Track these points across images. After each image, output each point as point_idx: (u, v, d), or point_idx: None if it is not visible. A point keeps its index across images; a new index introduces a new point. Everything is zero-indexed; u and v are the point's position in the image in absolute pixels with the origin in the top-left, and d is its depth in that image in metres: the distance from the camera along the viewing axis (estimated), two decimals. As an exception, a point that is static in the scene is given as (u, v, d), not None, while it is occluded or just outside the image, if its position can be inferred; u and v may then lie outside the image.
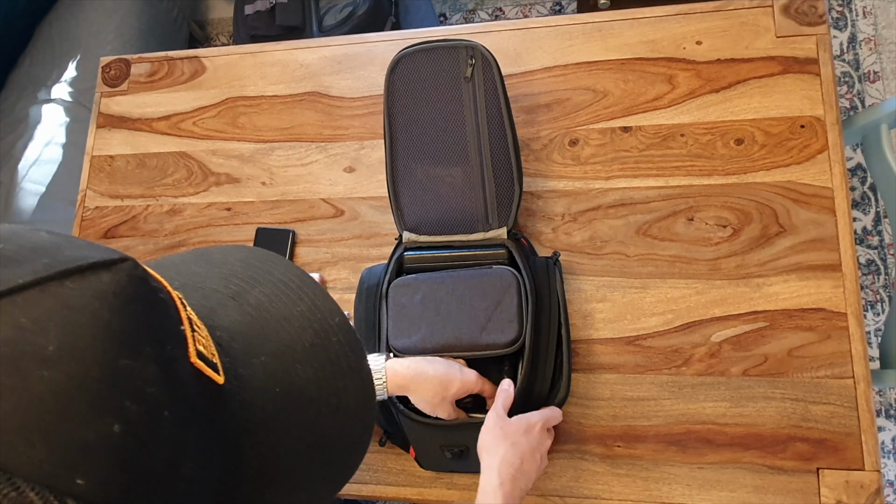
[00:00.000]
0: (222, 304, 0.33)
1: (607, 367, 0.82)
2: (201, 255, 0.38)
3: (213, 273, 0.36)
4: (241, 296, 0.34)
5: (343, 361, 0.35)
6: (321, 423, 0.33)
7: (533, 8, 1.94)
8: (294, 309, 0.35)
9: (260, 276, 0.36)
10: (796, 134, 0.84)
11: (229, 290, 0.34)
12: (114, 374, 0.23)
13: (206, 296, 0.34)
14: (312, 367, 0.33)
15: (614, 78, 0.92)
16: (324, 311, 0.36)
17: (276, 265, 0.37)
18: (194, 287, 0.34)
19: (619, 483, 0.78)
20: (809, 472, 0.74)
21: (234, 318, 0.33)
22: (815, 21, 0.87)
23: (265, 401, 0.31)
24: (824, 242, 0.80)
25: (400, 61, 0.85)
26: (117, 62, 1.13)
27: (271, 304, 0.34)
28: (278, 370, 0.32)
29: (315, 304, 0.36)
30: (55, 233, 0.28)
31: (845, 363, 0.76)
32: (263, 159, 1.02)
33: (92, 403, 0.22)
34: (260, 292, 0.34)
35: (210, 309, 0.33)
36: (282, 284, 0.36)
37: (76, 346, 0.22)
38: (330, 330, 0.35)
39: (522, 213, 0.90)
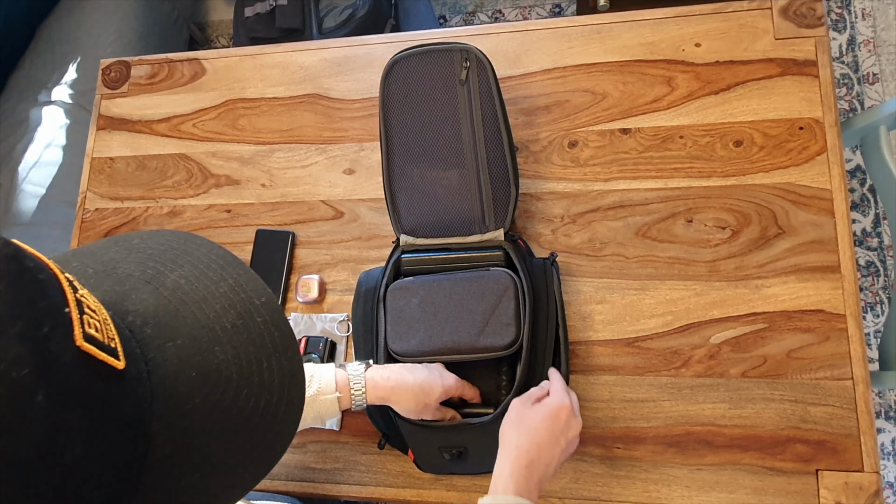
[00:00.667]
0: (136, 288, 0.33)
1: (606, 369, 0.82)
2: (120, 241, 0.37)
3: (131, 258, 0.35)
4: (157, 279, 0.33)
5: (267, 340, 0.34)
6: (240, 405, 0.32)
7: (532, 10, 1.94)
8: (216, 290, 0.34)
9: (180, 258, 0.35)
10: (795, 136, 0.84)
11: (146, 274, 0.34)
12: None
13: (120, 280, 0.33)
14: (232, 348, 0.32)
15: (613, 80, 0.92)
16: (248, 291, 0.35)
17: (198, 247, 0.37)
18: (107, 273, 0.34)
19: (619, 484, 0.78)
20: (809, 473, 0.74)
21: (148, 302, 0.32)
22: (813, 23, 0.87)
23: (178, 384, 0.30)
24: (823, 244, 0.80)
25: (395, 65, 0.85)
26: (117, 64, 1.14)
27: (190, 286, 0.33)
28: (194, 353, 0.31)
29: (239, 283, 0.35)
30: None
31: (844, 365, 0.76)
32: (263, 161, 1.02)
33: None
34: (178, 275, 0.34)
35: (122, 294, 0.32)
36: (203, 266, 0.35)
37: None
38: (254, 310, 0.34)
39: (521, 215, 0.90)
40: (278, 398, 0.33)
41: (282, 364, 0.34)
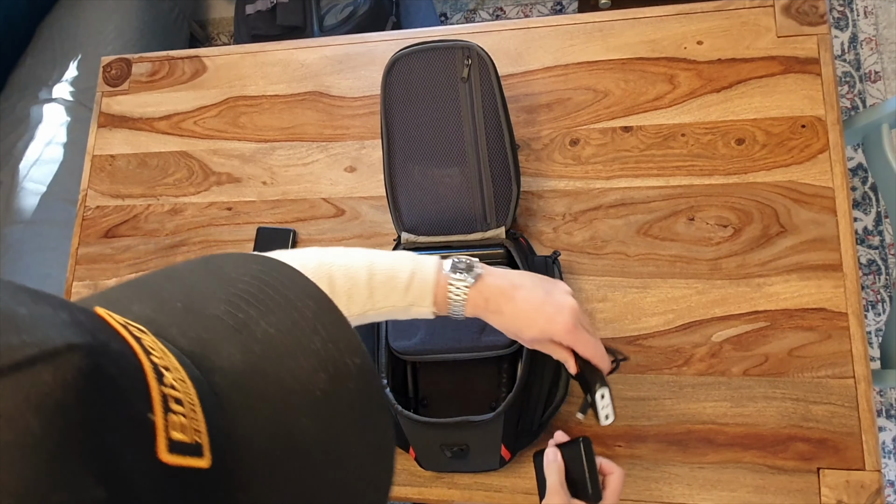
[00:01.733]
0: (225, 338, 0.29)
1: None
2: (211, 266, 0.34)
3: (220, 292, 0.31)
4: (247, 327, 0.29)
5: (357, 411, 0.30)
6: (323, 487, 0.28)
7: (534, 7, 1.94)
8: (308, 344, 0.30)
9: (273, 299, 0.31)
10: (797, 134, 0.84)
11: (236, 319, 0.30)
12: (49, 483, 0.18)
13: (208, 326, 0.30)
14: (321, 422, 0.28)
15: (615, 78, 0.92)
16: (341, 347, 0.30)
17: (292, 285, 0.32)
18: (196, 312, 0.30)
19: (620, 483, 0.78)
20: (810, 471, 0.74)
21: (236, 359, 0.28)
22: (815, 21, 0.87)
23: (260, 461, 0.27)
24: (825, 242, 0.80)
25: (396, 63, 0.85)
26: (118, 62, 1.13)
27: (281, 337, 0.29)
28: (280, 426, 0.27)
29: (332, 337, 0.30)
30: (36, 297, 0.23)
31: (846, 363, 0.76)
32: (264, 159, 1.02)
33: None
34: (269, 323, 0.30)
35: (209, 344, 0.29)
36: (296, 312, 0.31)
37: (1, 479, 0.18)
38: (346, 374, 0.30)
39: (523, 213, 0.90)
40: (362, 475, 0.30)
41: (369, 437, 0.30)
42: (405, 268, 0.58)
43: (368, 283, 0.57)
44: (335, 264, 0.57)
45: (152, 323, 0.28)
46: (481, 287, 0.59)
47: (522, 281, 0.61)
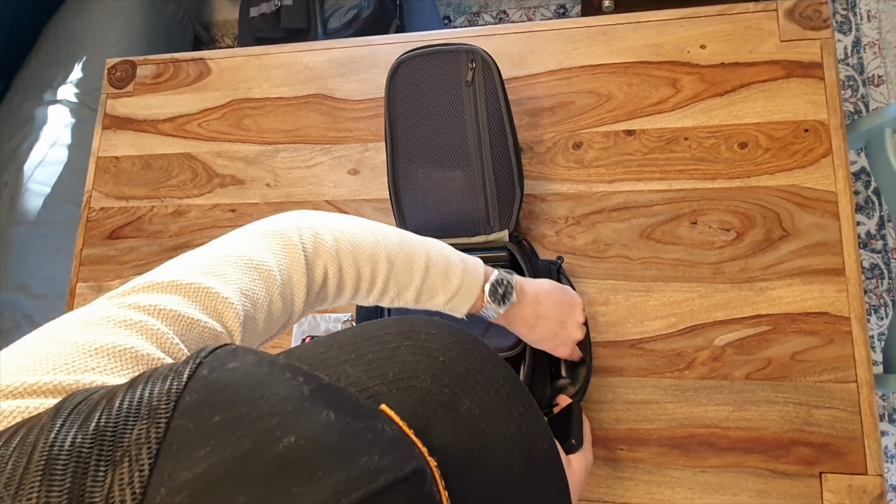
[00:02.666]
0: (436, 415, 0.30)
1: (610, 371, 0.82)
2: (407, 333, 0.34)
3: (424, 365, 0.31)
4: (453, 405, 0.30)
5: (549, 499, 0.30)
6: None
7: (537, 11, 1.94)
8: (506, 428, 0.30)
9: (471, 375, 0.31)
10: (800, 138, 0.84)
11: (443, 395, 0.30)
12: None
13: (421, 400, 0.30)
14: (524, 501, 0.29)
15: (618, 81, 0.92)
16: (534, 432, 0.31)
17: (484, 360, 0.33)
18: (406, 384, 0.30)
19: (622, 486, 0.78)
20: (812, 476, 0.74)
21: (449, 438, 0.29)
22: (819, 25, 0.87)
23: None
24: (828, 246, 0.80)
25: (400, 66, 0.85)
26: (123, 64, 1.14)
27: (483, 418, 0.30)
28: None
29: (525, 421, 0.31)
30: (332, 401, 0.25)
31: (848, 367, 0.76)
32: (268, 161, 1.02)
33: None
34: (472, 402, 0.30)
35: (425, 421, 0.29)
36: (493, 391, 0.31)
37: None
38: (538, 460, 0.30)
39: (526, 216, 0.90)
40: None
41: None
42: (455, 278, 0.60)
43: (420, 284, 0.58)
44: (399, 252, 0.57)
45: (375, 396, 0.28)
46: (510, 315, 0.65)
47: (546, 310, 0.68)
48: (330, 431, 0.23)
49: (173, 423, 0.21)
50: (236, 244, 0.49)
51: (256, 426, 0.22)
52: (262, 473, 0.20)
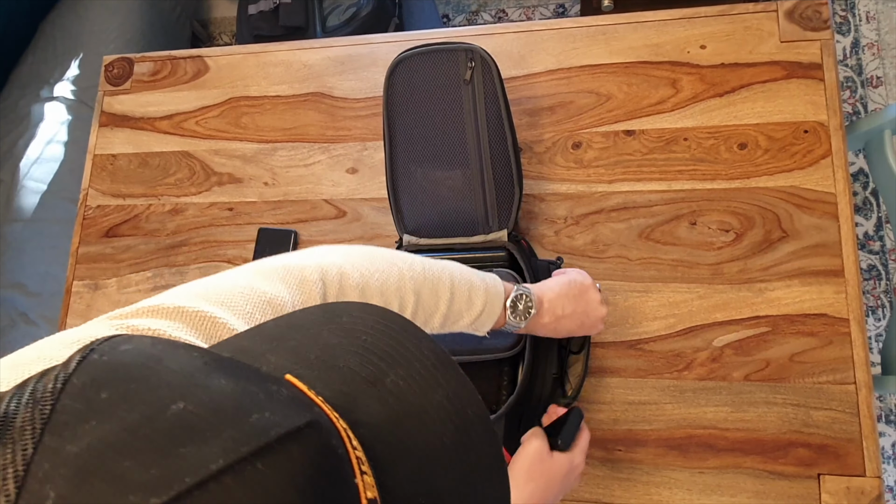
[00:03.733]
0: (362, 391, 0.30)
1: (609, 371, 0.82)
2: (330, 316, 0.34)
3: (347, 345, 0.32)
4: (378, 380, 0.30)
5: (483, 461, 0.31)
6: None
7: (536, 10, 1.94)
8: (433, 397, 0.31)
9: (395, 352, 0.32)
10: (800, 139, 0.84)
11: (367, 370, 0.31)
12: None
13: (345, 379, 0.30)
14: (454, 471, 0.29)
15: (618, 81, 0.92)
16: (462, 399, 0.31)
17: (409, 337, 0.33)
18: (329, 364, 0.31)
19: (620, 487, 0.78)
20: (810, 477, 0.74)
21: (375, 411, 0.29)
22: (819, 26, 0.87)
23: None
24: (827, 248, 0.80)
25: (399, 64, 0.84)
26: (120, 61, 1.13)
27: (410, 390, 0.30)
28: (421, 477, 0.28)
29: (454, 390, 0.32)
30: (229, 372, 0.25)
31: (847, 369, 0.76)
32: (266, 159, 1.02)
33: None
34: (397, 375, 0.30)
35: (350, 399, 0.29)
36: (418, 364, 0.32)
37: None
38: (469, 424, 0.31)
39: (525, 216, 0.90)
40: None
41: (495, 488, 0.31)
42: (479, 300, 0.62)
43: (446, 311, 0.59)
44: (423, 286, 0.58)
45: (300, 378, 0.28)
46: (531, 325, 0.67)
47: (564, 309, 0.68)
48: (221, 396, 0.22)
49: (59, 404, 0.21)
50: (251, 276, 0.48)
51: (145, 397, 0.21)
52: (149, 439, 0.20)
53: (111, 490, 0.18)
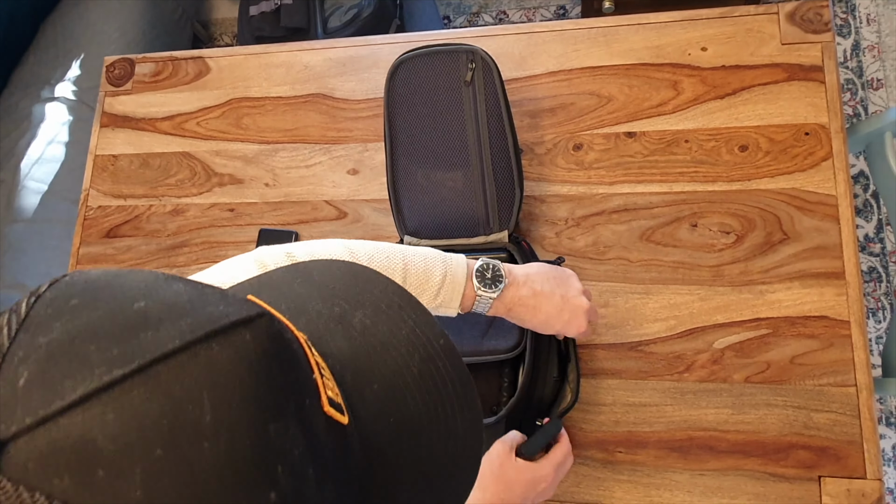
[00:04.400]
0: (329, 329, 0.32)
1: (609, 373, 0.82)
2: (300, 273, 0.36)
3: (315, 293, 0.34)
4: (345, 319, 0.32)
5: (450, 387, 0.33)
6: (433, 453, 0.31)
7: (537, 12, 1.94)
8: (398, 332, 0.33)
9: (361, 296, 0.34)
10: (801, 141, 0.84)
11: (333, 312, 0.33)
12: (265, 442, 0.22)
13: (312, 320, 0.32)
14: (421, 395, 0.32)
15: (619, 83, 0.92)
16: (427, 333, 0.34)
17: (374, 283, 0.36)
18: (300, 310, 0.33)
19: (621, 489, 0.78)
20: (811, 479, 0.74)
21: (342, 345, 0.31)
22: (820, 28, 0.87)
23: (379, 434, 0.29)
24: (828, 250, 0.80)
25: (400, 66, 0.85)
26: (121, 62, 1.13)
27: (375, 327, 0.33)
28: (389, 400, 0.30)
29: (418, 325, 0.34)
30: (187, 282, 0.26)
31: (848, 371, 0.76)
32: (267, 160, 1.02)
33: (249, 474, 0.21)
34: (363, 314, 0.33)
35: (318, 335, 0.31)
36: (384, 305, 0.34)
37: (229, 415, 0.22)
38: (435, 354, 0.33)
39: (526, 218, 0.90)
40: (463, 445, 0.33)
41: (464, 410, 0.33)
42: (437, 271, 0.61)
43: (403, 284, 0.58)
44: (372, 262, 0.58)
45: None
46: (505, 298, 0.64)
47: (543, 286, 0.66)
48: (181, 295, 0.25)
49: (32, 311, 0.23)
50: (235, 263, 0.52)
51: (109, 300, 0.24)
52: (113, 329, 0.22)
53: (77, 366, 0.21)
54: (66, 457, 0.19)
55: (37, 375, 0.20)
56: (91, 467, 0.19)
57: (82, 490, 0.18)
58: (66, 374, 0.20)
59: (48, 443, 0.19)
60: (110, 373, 0.20)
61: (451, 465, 0.32)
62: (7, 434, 0.19)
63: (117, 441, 0.19)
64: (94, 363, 0.21)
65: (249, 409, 0.22)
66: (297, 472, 0.23)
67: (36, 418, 0.19)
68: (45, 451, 0.19)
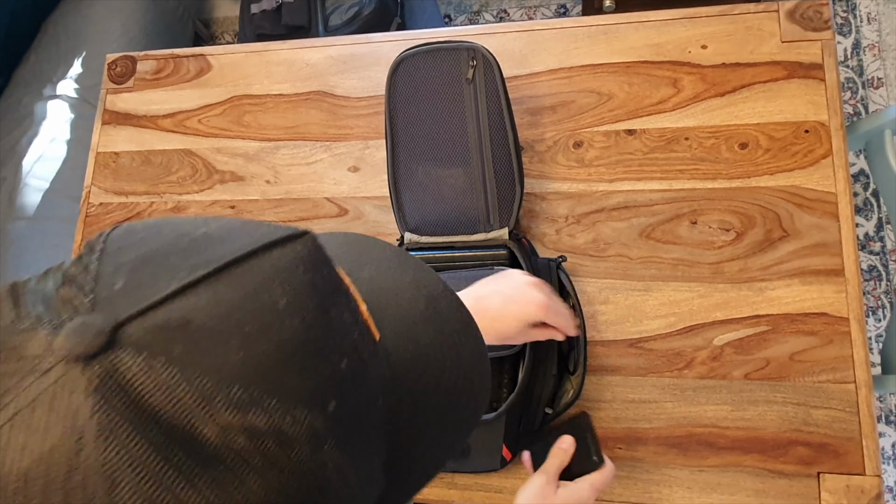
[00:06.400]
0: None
1: (609, 370, 0.82)
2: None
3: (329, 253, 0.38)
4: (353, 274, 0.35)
5: (455, 324, 0.37)
6: (445, 380, 0.35)
7: (538, 10, 1.94)
8: (402, 281, 0.37)
9: (363, 256, 0.38)
10: (800, 139, 0.84)
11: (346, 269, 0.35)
12: (329, 321, 0.27)
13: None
14: (431, 330, 0.36)
15: (619, 81, 0.92)
16: (428, 280, 0.38)
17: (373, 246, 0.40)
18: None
19: (620, 485, 0.78)
20: (810, 476, 0.74)
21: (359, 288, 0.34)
22: (820, 26, 0.87)
23: (400, 362, 0.33)
24: (827, 247, 0.80)
25: (401, 63, 0.85)
26: (123, 59, 1.14)
27: (382, 279, 0.37)
28: (404, 334, 0.34)
29: (418, 275, 0.38)
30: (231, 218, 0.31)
31: (847, 368, 0.76)
32: (268, 158, 1.02)
33: (323, 344, 0.26)
34: (369, 271, 0.37)
35: None
36: (385, 262, 0.38)
37: (299, 300, 0.26)
38: (438, 296, 0.37)
39: (526, 215, 0.90)
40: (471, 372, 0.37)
41: (469, 341, 0.37)
42: None
43: None
44: None
45: None
46: None
47: (485, 290, 0.66)
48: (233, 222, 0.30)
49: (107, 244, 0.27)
50: None
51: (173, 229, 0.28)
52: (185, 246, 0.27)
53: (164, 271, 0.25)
54: (173, 333, 0.23)
55: (131, 281, 0.25)
56: (196, 338, 0.23)
57: (194, 355, 0.23)
58: (156, 277, 0.25)
59: (155, 324, 0.23)
60: (194, 273, 0.25)
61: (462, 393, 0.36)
62: (121, 317, 0.23)
63: (213, 319, 0.24)
64: (176, 268, 0.25)
65: (313, 296, 0.27)
66: (356, 349, 0.28)
67: (141, 306, 0.23)
68: (157, 328, 0.23)
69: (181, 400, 0.22)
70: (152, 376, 0.22)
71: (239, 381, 0.23)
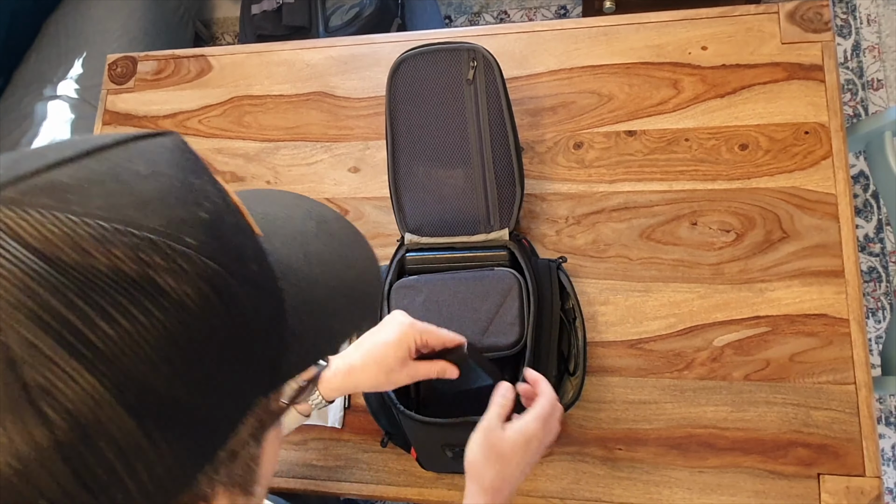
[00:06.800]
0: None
1: (609, 370, 0.82)
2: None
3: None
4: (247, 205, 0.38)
5: (344, 240, 0.42)
6: (338, 276, 0.39)
7: (538, 11, 1.94)
8: (295, 213, 0.42)
9: (258, 198, 0.42)
10: (800, 140, 0.84)
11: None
12: (190, 184, 0.30)
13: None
14: (322, 242, 0.40)
15: (619, 82, 0.92)
16: (320, 210, 0.43)
17: (268, 193, 0.44)
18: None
19: (620, 486, 0.78)
20: (810, 477, 0.74)
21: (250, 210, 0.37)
22: (820, 28, 0.87)
23: (290, 257, 0.36)
24: (827, 248, 0.80)
25: (402, 64, 0.85)
26: (124, 60, 1.14)
27: (274, 209, 0.40)
28: (296, 245, 0.38)
29: (311, 207, 0.43)
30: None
31: (847, 369, 0.76)
32: (268, 158, 1.02)
33: (182, 198, 0.29)
34: (262, 207, 0.39)
35: None
36: (278, 198, 0.44)
37: (160, 169, 0.30)
38: (328, 221, 0.43)
39: (526, 216, 0.90)
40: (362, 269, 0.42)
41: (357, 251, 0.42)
42: None
43: None
44: None
45: None
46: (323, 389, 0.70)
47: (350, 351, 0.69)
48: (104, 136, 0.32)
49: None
50: None
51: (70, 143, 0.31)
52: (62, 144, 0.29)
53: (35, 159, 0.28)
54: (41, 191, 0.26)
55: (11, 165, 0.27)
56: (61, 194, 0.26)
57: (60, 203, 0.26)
58: (30, 161, 0.28)
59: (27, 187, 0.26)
60: (62, 154, 0.28)
61: (356, 287, 0.40)
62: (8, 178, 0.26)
63: (79, 181, 0.27)
64: (48, 156, 0.28)
65: (173, 167, 0.31)
66: (217, 212, 0.30)
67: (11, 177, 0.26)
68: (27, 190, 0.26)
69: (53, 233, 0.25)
70: (26, 219, 0.25)
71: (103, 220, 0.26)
